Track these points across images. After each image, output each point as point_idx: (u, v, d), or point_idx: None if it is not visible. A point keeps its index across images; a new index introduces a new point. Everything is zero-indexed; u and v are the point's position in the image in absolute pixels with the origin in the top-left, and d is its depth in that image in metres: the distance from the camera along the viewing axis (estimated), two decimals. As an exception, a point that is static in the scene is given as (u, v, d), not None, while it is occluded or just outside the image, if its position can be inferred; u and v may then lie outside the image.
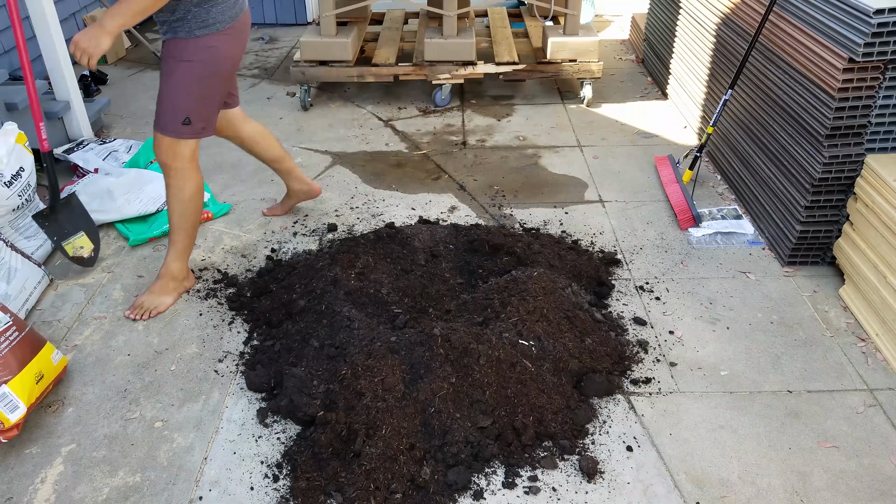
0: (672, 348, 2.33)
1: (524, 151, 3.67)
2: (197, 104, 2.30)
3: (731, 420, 2.07)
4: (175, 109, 2.28)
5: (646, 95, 4.33)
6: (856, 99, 2.35)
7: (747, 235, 2.89)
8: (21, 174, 2.70)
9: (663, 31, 4.26)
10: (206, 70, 2.27)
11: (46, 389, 2.12)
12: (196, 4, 2.17)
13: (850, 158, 2.43)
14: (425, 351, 2.06)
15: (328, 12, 3.95)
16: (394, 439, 1.87)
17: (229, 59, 2.32)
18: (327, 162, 3.58)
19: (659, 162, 3.43)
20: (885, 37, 2.21)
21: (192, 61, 2.23)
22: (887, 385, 2.18)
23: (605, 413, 2.09)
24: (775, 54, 2.79)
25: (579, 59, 4.04)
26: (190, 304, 2.57)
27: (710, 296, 2.57)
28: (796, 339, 2.36)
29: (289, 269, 2.65)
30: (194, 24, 2.19)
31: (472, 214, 3.09)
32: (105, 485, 1.89)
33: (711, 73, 3.48)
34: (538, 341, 2.15)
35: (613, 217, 3.06)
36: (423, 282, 2.51)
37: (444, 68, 4.03)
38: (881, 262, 2.31)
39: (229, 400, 2.16)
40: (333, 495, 1.80)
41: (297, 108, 4.21)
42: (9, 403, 1.96)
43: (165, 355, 2.33)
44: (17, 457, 1.98)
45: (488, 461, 1.91)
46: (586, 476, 1.89)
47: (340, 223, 3.04)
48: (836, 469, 1.91)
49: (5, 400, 1.95)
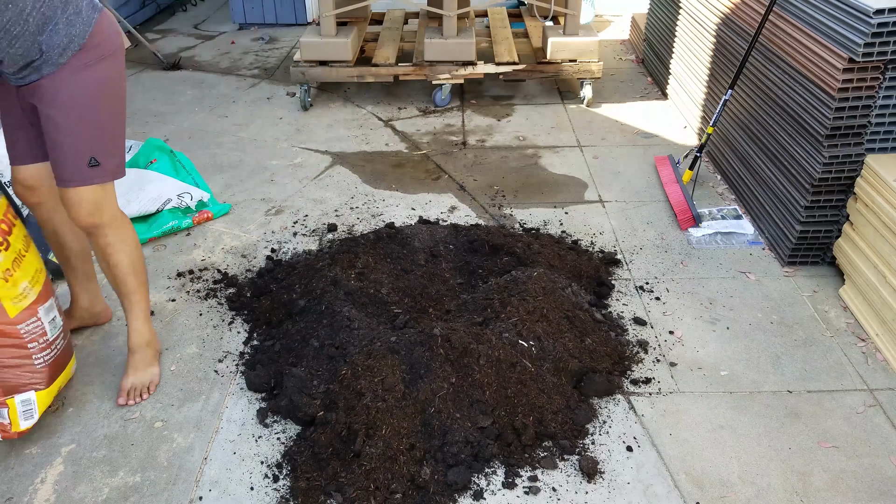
0: (672, 348, 2.33)
1: (524, 151, 3.67)
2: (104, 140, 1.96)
3: (731, 420, 2.07)
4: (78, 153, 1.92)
5: (646, 95, 4.33)
6: (856, 99, 2.35)
7: (747, 235, 2.89)
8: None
9: (663, 31, 4.26)
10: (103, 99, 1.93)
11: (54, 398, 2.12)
12: (37, 32, 1.77)
13: (850, 158, 2.43)
14: (425, 351, 2.06)
15: (328, 12, 3.95)
16: (394, 439, 1.87)
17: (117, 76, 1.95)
18: (327, 162, 3.59)
19: (659, 162, 3.43)
20: (885, 37, 2.21)
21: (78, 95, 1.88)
22: (887, 385, 2.18)
23: (605, 413, 2.09)
24: (775, 54, 2.79)
25: (579, 59, 4.04)
26: (190, 304, 2.57)
27: (710, 296, 2.57)
28: (796, 339, 2.36)
29: (289, 269, 2.65)
30: (49, 54, 1.81)
31: (472, 214, 3.09)
32: (105, 485, 1.90)
33: (711, 73, 3.48)
34: (538, 341, 2.15)
35: (613, 217, 3.06)
36: (423, 282, 2.51)
37: (444, 68, 4.03)
38: (881, 262, 2.31)
39: (229, 400, 2.16)
40: (333, 495, 1.80)
41: (297, 108, 4.21)
42: (27, 410, 1.96)
43: (165, 355, 2.33)
44: (17, 457, 1.98)
45: (488, 461, 1.91)
46: (586, 476, 1.89)
47: (340, 223, 3.04)
48: (836, 469, 1.91)
49: (26, 406, 1.95)
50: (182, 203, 3.04)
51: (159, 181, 3.08)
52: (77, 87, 1.87)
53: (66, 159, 1.92)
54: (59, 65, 1.84)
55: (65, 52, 1.83)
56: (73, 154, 1.92)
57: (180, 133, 3.85)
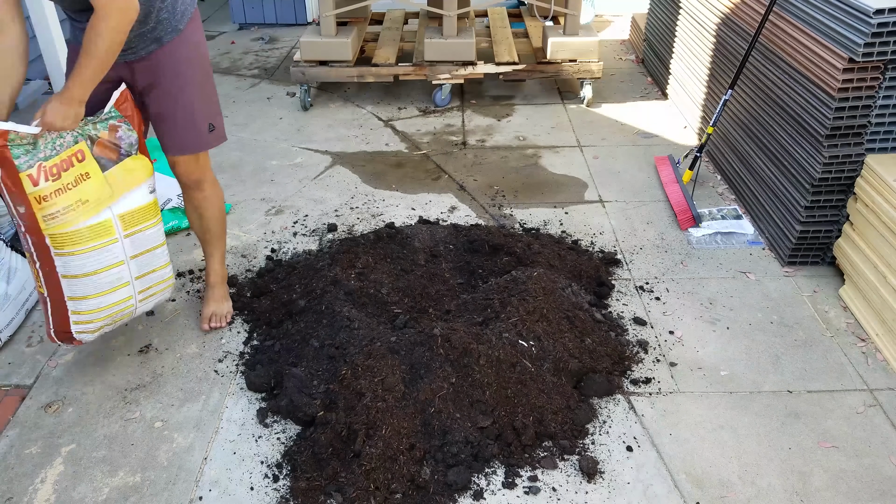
0: (672, 348, 2.33)
1: (524, 151, 3.67)
2: (214, 103, 2.14)
3: (731, 420, 2.07)
4: (201, 121, 2.10)
5: (646, 95, 4.33)
6: (856, 99, 2.35)
7: (747, 235, 2.89)
8: (21, 174, 2.70)
9: (663, 31, 4.26)
10: (206, 62, 2.08)
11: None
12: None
13: (850, 158, 2.43)
14: (425, 351, 2.06)
15: (328, 12, 3.95)
16: (394, 439, 1.87)
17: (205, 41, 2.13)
18: (327, 162, 3.59)
19: (659, 162, 3.43)
20: (885, 37, 2.21)
21: (193, 59, 2.03)
22: (887, 385, 2.18)
23: (605, 413, 2.09)
24: (775, 54, 2.79)
25: (579, 59, 4.04)
26: (190, 303, 2.57)
27: (710, 296, 2.57)
28: (796, 339, 2.36)
29: (289, 269, 2.65)
30: (175, 20, 1.96)
31: (472, 214, 3.09)
32: (105, 485, 1.90)
33: (711, 73, 3.48)
34: (538, 341, 2.15)
35: (613, 217, 3.06)
36: (423, 282, 2.51)
37: (444, 68, 4.03)
38: (881, 262, 2.31)
39: (229, 400, 2.16)
40: (333, 495, 1.80)
41: (297, 108, 4.21)
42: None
43: (165, 355, 2.33)
44: (17, 457, 1.98)
45: (488, 461, 1.91)
46: (586, 476, 1.89)
47: (340, 223, 3.04)
48: (836, 469, 1.91)
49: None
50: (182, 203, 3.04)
51: (160, 181, 3.07)
52: (194, 48, 2.02)
53: (187, 129, 2.07)
54: (178, 31, 1.98)
55: (183, 17, 1.98)
56: (194, 122, 2.08)
57: (180, 133, 3.85)
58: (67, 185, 1.90)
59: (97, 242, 1.98)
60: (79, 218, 1.93)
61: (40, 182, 1.86)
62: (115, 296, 2.08)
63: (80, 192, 1.92)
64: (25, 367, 2.29)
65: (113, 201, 1.99)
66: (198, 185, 2.26)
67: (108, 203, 1.98)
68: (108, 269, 2.03)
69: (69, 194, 1.90)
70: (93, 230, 1.96)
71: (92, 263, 1.99)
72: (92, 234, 1.96)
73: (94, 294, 2.03)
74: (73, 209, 1.91)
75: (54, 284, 2.00)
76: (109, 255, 2.02)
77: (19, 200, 1.88)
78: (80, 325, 2.07)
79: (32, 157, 1.85)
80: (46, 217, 1.89)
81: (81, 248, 1.96)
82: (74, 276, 1.99)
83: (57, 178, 1.88)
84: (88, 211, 1.94)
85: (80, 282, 2.00)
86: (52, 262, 1.96)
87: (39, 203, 1.87)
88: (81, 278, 2.00)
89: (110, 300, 2.08)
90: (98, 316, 2.08)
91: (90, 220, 1.95)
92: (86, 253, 1.97)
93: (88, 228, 1.95)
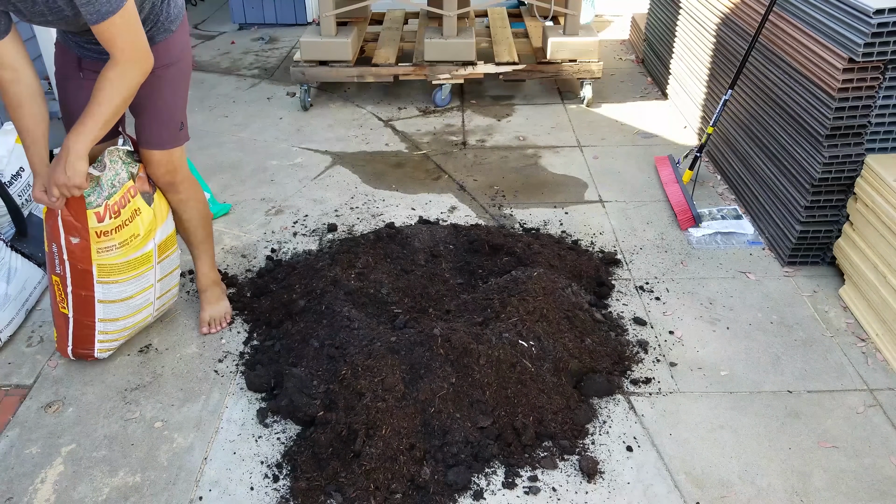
0: (672, 348, 2.33)
1: (524, 151, 3.67)
2: (184, 105, 2.17)
3: (731, 420, 2.07)
4: (174, 118, 2.13)
5: (646, 95, 4.33)
6: (856, 99, 2.35)
7: (747, 235, 2.89)
8: (21, 174, 2.70)
9: (663, 31, 4.26)
10: (187, 67, 2.13)
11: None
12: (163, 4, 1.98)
13: (850, 158, 2.43)
14: (425, 351, 2.06)
15: (328, 12, 3.95)
16: (394, 439, 1.87)
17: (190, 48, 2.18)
18: (327, 162, 3.59)
19: (659, 162, 3.43)
20: (885, 37, 2.21)
21: (174, 63, 2.06)
22: (887, 385, 2.18)
23: (605, 413, 2.09)
24: (775, 54, 2.79)
25: (579, 59, 4.04)
26: (190, 304, 2.57)
27: (710, 296, 2.57)
28: (796, 339, 2.36)
29: (289, 269, 2.65)
30: (164, 23, 2.00)
31: (472, 214, 3.09)
32: (105, 485, 1.90)
33: (711, 73, 3.48)
34: (538, 341, 2.15)
35: (613, 217, 3.06)
36: (423, 282, 2.51)
37: (444, 68, 4.03)
38: (881, 262, 2.31)
39: (229, 400, 2.16)
40: (333, 495, 1.80)
41: (297, 108, 4.21)
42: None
43: (165, 355, 2.33)
44: (17, 457, 1.98)
45: (488, 461, 1.91)
46: (586, 476, 1.89)
47: (340, 223, 3.04)
48: (836, 469, 1.91)
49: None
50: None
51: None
52: (177, 52, 2.06)
53: (162, 123, 2.11)
54: (170, 32, 2.02)
55: (176, 20, 2.02)
56: (168, 118, 2.11)
57: (180, 133, 3.85)
58: (126, 222, 2.03)
59: (139, 271, 2.13)
60: (130, 251, 2.06)
61: (105, 219, 1.98)
62: (140, 315, 2.24)
63: (134, 226, 2.06)
64: (25, 367, 2.29)
65: (156, 233, 2.13)
66: (172, 186, 2.23)
67: (154, 235, 2.12)
68: (142, 292, 2.19)
69: (126, 230, 2.03)
70: (138, 261, 2.11)
71: (130, 289, 2.14)
72: (137, 265, 2.11)
73: (124, 316, 2.18)
74: (127, 243, 2.05)
75: (87, 308, 2.10)
76: (145, 280, 2.17)
77: (77, 233, 1.97)
78: (104, 343, 2.21)
79: (99, 195, 1.96)
80: (101, 250, 2.00)
81: (126, 277, 2.10)
82: (112, 300, 2.12)
83: (117, 215, 2.01)
84: (139, 244, 2.08)
85: (116, 306, 2.13)
86: (92, 288, 2.07)
87: (99, 237, 1.98)
88: (118, 303, 2.13)
89: (135, 320, 2.23)
90: (123, 335, 2.24)
91: (138, 252, 2.09)
92: (128, 281, 2.11)
93: (136, 259, 2.10)
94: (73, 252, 1.99)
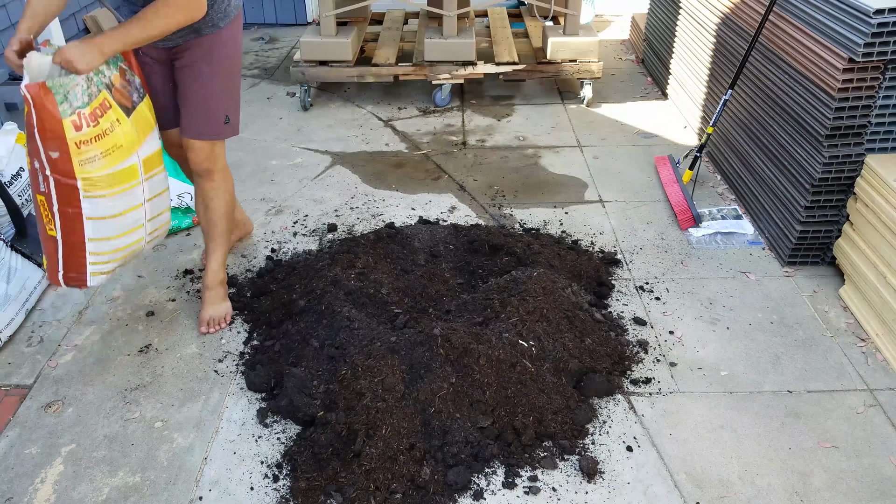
0: (672, 348, 2.33)
1: (524, 151, 3.67)
2: (234, 100, 2.27)
3: (731, 420, 2.07)
4: (217, 111, 2.22)
5: (646, 95, 4.33)
6: (856, 99, 2.35)
7: (747, 235, 2.89)
8: (21, 174, 2.70)
9: (663, 31, 4.26)
10: (236, 62, 2.22)
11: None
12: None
13: (850, 158, 2.43)
14: (425, 351, 2.06)
15: (328, 12, 3.95)
16: (394, 439, 1.87)
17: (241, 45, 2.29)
18: (327, 162, 3.59)
19: (659, 162, 3.43)
20: (885, 37, 2.21)
21: (223, 57, 2.16)
22: (887, 385, 2.18)
23: (605, 413, 2.09)
24: (775, 54, 2.79)
25: (579, 59, 4.04)
26: (190, 303, 2.57)
27: (710, 296, 2.57)
28: (796, 339, 2.36)
29: (289, 269, 2.65)
30: (217, 17, 2.11)
31: (472, 214, 3.09)
32: (105, 485, 1.90)
33: (711, 73, 3.48)
34: (538, 341, 2.15)
35: (613, 217, 3.06)
36: (423, 282, 2.51)
37: (444, 68, 4.03)
38: (881, 262, 2.31)
39: (229, 400, 2.16)
40: (333, 495, 1.80)
41: (297, 108, 4.21)
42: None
43: (165, 355, 2.33)
44: (17, 457, 1.98)
45: (488, 461, 1.91)
46: (586, 476, 1.89)
47: (340, 223, 3.04)
48: (836, 469, 1.91)
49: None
50: (182, 203, 3.04)
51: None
52: (227, 47, 2.16)
53: (205, 115, 2.20)
54: (218, 28, 2.12)
55: (225, 17, 2.13)
56: (213, 110, 2.21)
57: (180, 133, 3.85)
58: (105, 131, 1.98)
59: (126, 185, 2.08)
60: (113, 162, 2.02)
61: (83, 128, 1.93)
62: (131, 237, 2.18)
63: (115, 137, 2.01)
64: (25, 367, 2.29)
65: (139, 146, 2.09)
66: (208, 173, 2.32)
67: (136, 148, 2.08)
68: (131, 210, 2.13)
69: (106, 139, 1.99)
70: (123, 173, 2.06)
71: (119, 205, 2.08)
72: (122, 178, 2.06)
73: (115, 235, 2.12)
74: (109, 154, 2.00)
75: (75, 227, 2.06)
76: (133, 197, 2.11)
77: (55, 146, 1.92)
78: (96, 265, 2.14)
79: (70, 104, 1.91)
80: (83, 161, 1.96)
81: (112, 191, 2.05)
82: (101, 217, 2.06)
83: (96, 124, 1.96)
84: (122, 155, 2.04)
85: (105, 223, 2.08)
86: (78, 204, 2.02)
87: (79, 147, 1.94)
88: (108, 220, 2.08)
89: (127, 241, 2.18)
90: (115, 257, 2.17)
91: (122, 164, 2.04)
92: (116, 195, 2.06)
93: (120, 172, 2.05)
94: (55, 166, 1.95)
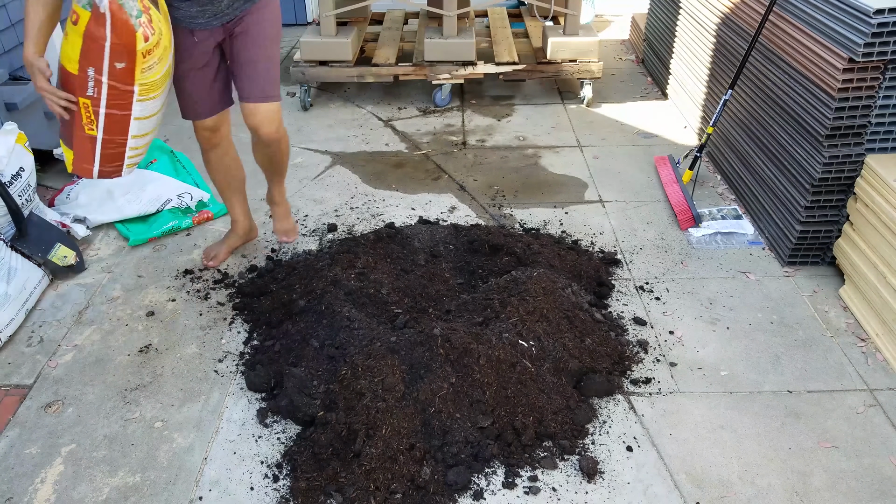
0: (672, 348, 2.33)
1: (524, 151, 3.67)
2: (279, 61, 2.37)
3: (731, 420, 2.07)
4: (276, 73, 2.33)
5: (646, 95, 4.33)
6: (856, 99, 2.35)
7: (747, 235, 2.89)
8: (21, 174, 2.70)
9: (663, 31, 4.26)
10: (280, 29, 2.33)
11: None
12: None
13: (850, 158, 2.43)
14: (425, 351, 2.06)
15: (328, 12, 3.95)
16: (394, 439, 1.87)
17: None
18: (327, 162, 3.59)
19: (659, 162, 3.43)
20: (885, 37, 2.21)
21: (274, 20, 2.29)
22: (887, 385, 2.18)
23: (605, 413, 2.09)
24: (775, 54, 2.79)
25: (579, 59, 4.04)
26: (190, 303, 2.57)
27: (710, 296, 2.57)
28: (796, 340, 2.36)
29: (289, 269, 2.65)
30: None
31: (472, 214, 3.09)
32: (105, 485, 1.90)
33: (711, 73, 3.48)
34: (538, 341, 2.15)
35: (613, 217, 3.06)
36: (423, 282, 2.51)
37: (444, 68, 4.03)
38: (881, 262, 2.31)
39: (229, 400, 2.16)
40: (333, 495, 1.80)
41: (297, 108, 4.21)
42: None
43: (165, 355, 2.33)
44: (17, 457, 1.98)
45: (488, 461, 1.91)
46: (586, 476, 1.89)
47: (340, 223, 3.04)
48: (836, 469, 1.91)
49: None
50: (182, 203, 3.04)
51: (159, 181, 3.08)
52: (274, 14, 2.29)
53: (266, 76, 2.30)
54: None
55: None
56: (273, 71, 2.32)
57: (180, 133, 3.84)
58: (160, 38, 2.04)
59: (166, 85, 2.19)
60: (163, 65, 2.10)
61: (149, 38, 1.99)
62: (153, 135, 2.31)
63: (164, 39, 2.07)
64: (25, 367, 2.29)
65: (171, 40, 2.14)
66: (276, 142, 2.46)
67: (171, 47, 2.15)
68: (161, 109, 2.25)
69: (160, 44, 2.05)
70: (167, 74, 2.17)
71: (158, 105, 2.20)
72: (165, 77, 2.16)
73: (149, 131, 2.25)
74: (163, 58, 2.09)
75: (120, 127, 2.15)
76: (165, 97, 2.22)
77: (124, 58, 1.98)
78: (132, 158, 2.28)
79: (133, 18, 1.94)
80: (145, 69, 2.04)
81: (160, 92, 2.16)
82: (147, 116, 2.18)
83: (153, 31, 2.01)
84: (167, 56, 2.12)
85: (148, 122, 2.21)
86: (129, 107, 2.11)
87: (145, 57, 2.01)
88: (151, 118, 2.21)
89: (151, 138, 2.30)
90: (144, 151, 2.32)
91: (167, 64, 2.14)
92: (160, 96, 2.18)
93: (166, 73, 2.15)
94: (116, 75, 2.01)
